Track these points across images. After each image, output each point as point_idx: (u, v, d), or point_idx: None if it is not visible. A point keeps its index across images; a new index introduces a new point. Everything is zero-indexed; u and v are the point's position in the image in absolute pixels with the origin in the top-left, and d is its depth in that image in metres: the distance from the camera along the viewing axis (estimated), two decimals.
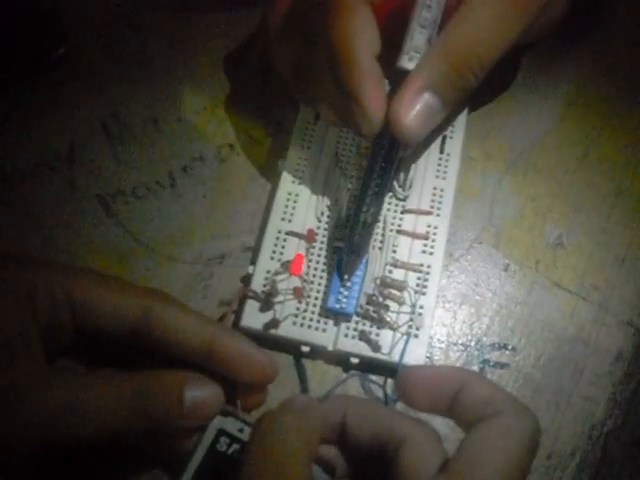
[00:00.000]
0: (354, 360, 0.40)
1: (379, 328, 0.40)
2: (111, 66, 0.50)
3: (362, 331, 0.40)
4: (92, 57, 0.50)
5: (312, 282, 0.41)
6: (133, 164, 0.47)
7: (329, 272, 0.42)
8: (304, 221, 0.43)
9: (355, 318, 0.41)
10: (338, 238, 0.43)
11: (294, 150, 0.46)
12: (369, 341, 0.40)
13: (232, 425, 0.35)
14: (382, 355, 0.40)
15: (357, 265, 0.41)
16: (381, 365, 0.40)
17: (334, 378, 0.41)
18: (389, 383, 0.41)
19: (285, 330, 0.40)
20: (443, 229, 0.43)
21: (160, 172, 0.46)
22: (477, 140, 0.48)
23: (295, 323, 0.41)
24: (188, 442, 0.36)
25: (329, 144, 0.46)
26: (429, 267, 0.42)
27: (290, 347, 0.41)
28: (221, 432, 0.35)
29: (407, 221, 0.44)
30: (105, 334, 0.35)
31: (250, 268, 0.42)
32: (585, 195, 0.47)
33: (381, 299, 0.41)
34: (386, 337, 0.40)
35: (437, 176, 0.45)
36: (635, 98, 0.50)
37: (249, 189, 0.46)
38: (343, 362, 0.41)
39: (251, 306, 0.41)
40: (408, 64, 0.38)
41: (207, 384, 0.35)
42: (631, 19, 0.52)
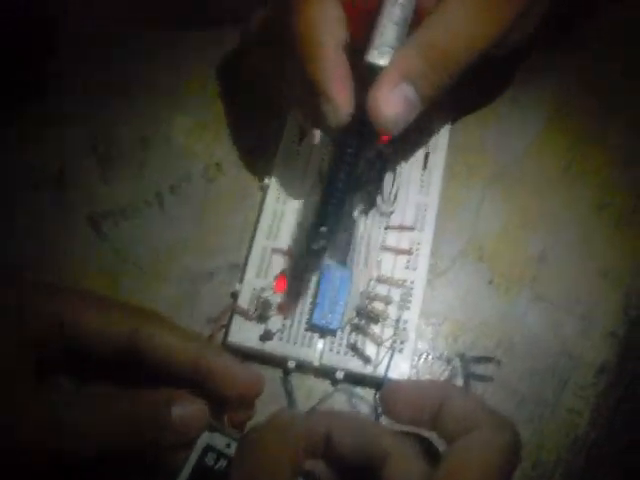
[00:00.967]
0: (340, 375, 0.41)
1: (364, 343, 0.41)
2: (99, 88, 0.50)
3: (354, 341, 0.41)
4: (81, 79, 0.51)
5: (297, 298, 0.42)
6: (122, 184, 0.47)
7: (314, 288, 0.42)
8: (289, 239, 0.44)
9: (340, 333, 0.41)
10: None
11: (279, 169, 0.46)
12: (358, 352, 0.41)
13: (219, 441, 0.36)
14: (367, 370, 0.41)
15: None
16: (367, 379, 0.41)
17: (321, 392, 0.42)
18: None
19: (271, 346, 0.41)
20: (426, 244, 0.44)
21: (148, 192, 0.47)
22: (460, 155, 0.48)
23: (281, 339, 0.41)
24: (176, 458, 0.36)
25: (314, 162, 0.47)
26: (413, 282, 0.43)
27: (277, 362, 0.42)
28: (208, 448, 0.36)
29: (391, 237, 0.44)
30: (93, 353, 0.36)
31: (237, 286, 0.43)
32: (568, 208, 0.47)
33: (365, 315, 0.41)
34: (371, 351, 0.41)
35: (420, 192, 0.46)
36: (616, 112, 0.50)
37: (236, 208, 0.47)
38: (330, 376, 0.42)
39: (238, 322, 0.42)
40: (378, 59, 0.38)
41: (193, 401, 0.35)
42: (612, 35, 0.53)
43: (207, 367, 0.35)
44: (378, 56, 0.38)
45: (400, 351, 0.41)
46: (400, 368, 0.41)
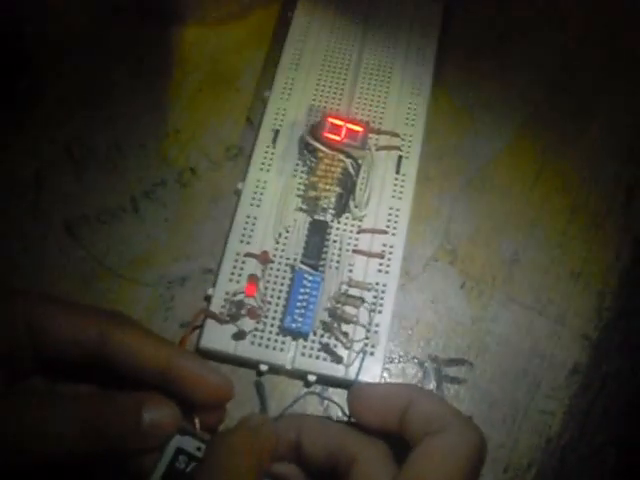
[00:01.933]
0: (312, 378, 0.41)
1: (336, 345, 0.41)
2: (74, 93, 0.51)
3: (325, 344, 0.41)
4: (56, 84, 0.51)
5: (270, 302, 0.42)
6: (97, 189, 0.47)
7: (287, 292, 0.43)
8: (262, 243, 0.44)
9: (312, 337, 0.42)
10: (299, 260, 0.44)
11: (253, 173, 0.47)
12: (330, 352, 0.41)
13: (190, 444, 0.36)
14: (339, 373, 0.41)
15: None
16: (339, 381, 0.41)
17: (295, 394, 0.42)
18: None
19: (243, 350, 0.41)
20: (399, 248, 0.44)
21: (123, 197, 0.47)
22: (433, 159, 0.49)
23: (253, 343, 0.41)
24: (147, 461, 0.36)
25: (287, 167, 0.47)
26: (385, 286, 0.43)
27: (250, 364, 0.42)
28: (179, 451, 0.36)
29: (363, 240, 0.44)
30: (63, 358, 0.36)
31: (210, 290, 0.43)
32: (541, 211, 0.48)
33: (337, 318, 0.41)
34: (343, 352, 0.41)
35: (393, 196, 0.46)
36: (589, 116, 0.51)
37: (210, 212, 0.47)
38: (303, 378, 0.42)
39: (210, 327, 0.42)
40: None
41: (164, 404, 0.36)
42: (585, 39, 0.53)
43: (176, 373, 0.36)
44: None
45: (372, 354, 0.41)
46: (372, 371, 0.41)
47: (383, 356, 0.41)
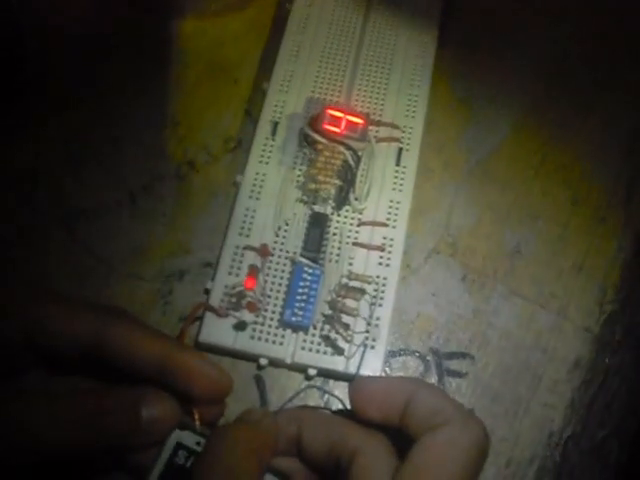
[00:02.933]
0: (312, 371, 0.41)
1: (336, 339, 0.41)
2: (72, 87, 0.50)
3: (326, 337, 0.41)
4: (53, 79, 0.50)
5: (269, 296, 0.42)
6: (94, 184, 0.47)
7: (286, 285, 0.42)
8: (262, 235, 0.44)
9: (312, 330, 0.41)
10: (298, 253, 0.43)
11: (252, 165, 0.46)
12: (331, 344, 0.41)
13: (190, 438, 0.36)
14: (339, 367, 0.41)
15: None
16: (340, 374, 0.41)
17: (295, 387, 0.42)
18: None
19: (243, 344, 0.41)
20: (399, 241, 0.44)
21: (121, 191, 0.47)
22: (434, 151, 0.48)
23: (253, 337, 0.41)
24: (147, 456, 0.36)
25: (286, 160, 0.46)
26: (385, 279, 0.43)
27: (250, 358, 0.42)
28: (179, 445, 0.36)
29: (363, 233, 0.44)
30: (61, 352, 0.36)
31: (209, 284, 0.43)
32: (542, 204, 0.47)
33: (337, 312, 0.41)
34: (344, 345, 0.41)
35: (394, 188, 0.46)
36: (590, 108, 0.50)
37: (208, 206, 0.47)
38: (304, 371, 0.42)
39: (210, 320, 0.41)
40: None
41: (164, 399, 0.35)
42: (587, 32, 0.53)
43: (175, 367, 0.35)
44: None
45: (372, 348, 0.41)
46: (373, 365, 0.41)
47: (384, 349, 0.41)
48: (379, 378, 0.40)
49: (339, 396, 0.40)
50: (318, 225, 0.44)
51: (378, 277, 0.43)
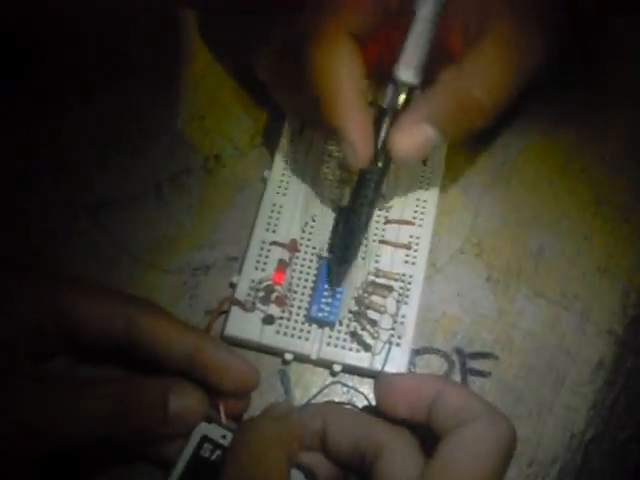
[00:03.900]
0: (337, 367, 0.41)
1: (362, 336, 0.41)
2: (100, 76, 0.50)
3: (353, 333, 0.41)
4: (79, 69, 0.51)
5: (296, 291, 0.42)
6: (120, 175, 0.47)
7: (313, 281, 0.42)
8: (288, 231, 0.44)
9: (338, 327, 0.41)
10: (325, 249, 0.43)
11: (279, 161, 0.46)
12: (358, 340, 0.41)
13: (215, 432, 0.36)
14: (364, 363, 0.41)
15: (346, 274, 0.42)
16: (365, 371, 0.41)
17: (321, 383, 0.42)
18: None
19: (269, 339, 0.41)
20: (425, 239, 0.44)
21: (147, 182, 0.47)
22: (461, 151, 0.48)
23: (279, 332, 0.41)
24: (173, 447, 0.36)
25: (314, 155, 0.47)
26: (411, 277, 0.43)
27: (275, 352, 0.42)
28: (205, 438, 0.36)
29: (390, 231, 0.44)
30: (91, 341, 0.36)
31: (235, 278, 0.43)
32: (567, 205, 0.47)
33: (363, 308, 0.41)
34: (370, 344, 0.41)
35: (420, 187, 0.46)
36: (617, 109, 0.50)
37: (235, 200, 0.47)
38: (329, 367, 0.42)
39: (235, 314, 0.42)
40: (413, 79, 0.38)
41: (191, 392, 0.36)
42: (615, 39, 0.53)
43: (202, 360, 0.36)
44: (414, 76, 0.38)
45: (398, 345, 0.41)
46: (397, 362, 0.41)
47: (409, 347, 0.41)
48: (406, 375, 0.40)
49: (364, 392, 0.40)
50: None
51: (404, 275, 0.43)
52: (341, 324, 0.41)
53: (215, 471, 0.34)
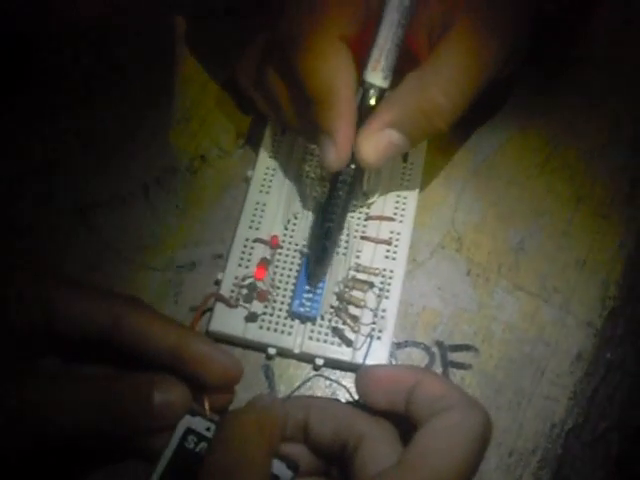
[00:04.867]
0: (319, 361, 0.42)
1: (344, 330, 0.42)
2: (86, 81, 0.51)
3: (334, 328, 0.42)
4: (68, 73, 0.52)
5: (278, 287, 0.43)
6: (108, 176, 0.48)
7: (295, 277, 0.43)
8: (271, 229, 0.45)
9: (319, 321, 0.42)
10: (306, 245, 0.44)
11: (262, 161, 0.47)
12: (340, 335, 0.42)
13: (200, 424, 0.37)
14: (346, 357, 0.41)
15: (324, 272, 0.43)
16: (347, 364, 0.42)
17: (303, 377, 0.43)
18: None
19: (252, 333, 0.42)
20: (406, 235, 0.45)
21: (134, 183, 0.48)
22: (440, 148, 0.49)
23: (262, 327, 0.42)
24: (158, 440, 0.37)
25: (296, 155, 0.47)
26: (392, 272, 0.44)
27: (259, 347, 0.43)
28: (189, 431, 0.36)
29: (371, 227, 0.45)
30: (77, 338, 0.37)
31: (220, 275, 0.44)
32: (546, 200, 0.48)
33: (344, 303, 0.42)
34: (351, 338, 0.42)
35: (401, 184, 0.47)
36: (595, 106, 0.51)
37: (220, 199, 0.48)
38: (311, 361, 0.43)
39: (220, 310, 0.42)
40: (382, 82, 0.39)
41: (175, 385, 0.36)
42: (593, 30, 0.54)
43: (186, 354, 0.36)
44: (382, 79, 0.39)
45: (379, 339, 0.42)
46: (379, 355, 0.42)
47: (390, 341, 0.42)
48: (385, 366, 0.41)
49: (346, 385, 0.41)
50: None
51: (385, 270, 0.44)
52: (323, 319, 0.42)
53: (200, 463, 0.35)
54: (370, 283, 0.43)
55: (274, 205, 0.46)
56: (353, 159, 0.40)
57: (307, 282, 0.43)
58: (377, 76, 0.39)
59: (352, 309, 0.42)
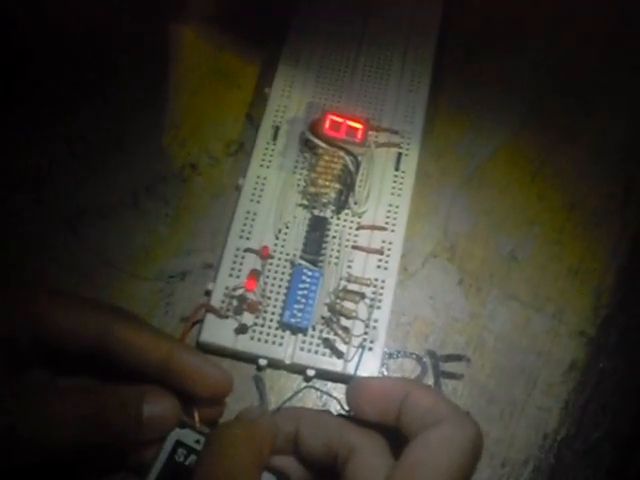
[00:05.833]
0: (311, 372, 0.41)
1: (335, 341, 0.42)
2: (75, 89, 0.51)
3: (325, 339, 0.42)
4: (57, 81, 0.51)
5: (269, 297, 0.43)
6: (97, 184, 0.48)
7: (286, 287, 0.43)
8: (262, 238, 0.45)
9: (311, 332, 0.42)
10: (297, 256, 0.44)
11: (253, 170, 0.47)
12: (331, 346, 0.42)
13: (189, 437, 0.36)
14: (337, 368, 0.41)
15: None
16: (338, 376, 0.42)
17: (294, 389, 0.42)
18: None
19: (243, 344, 0.42)
20: (398, 244, 0.45)
21: (124, 192, 0.47)
22: (432, 156, 0.49)
23: (253, 337, 0.42)
24: (147, 453, 0.37)
25: (287, 164, 0.47)
26: (384, 282, 0.43)
27: (250, 359, 0.42)
28: (179, 443, 0.36)
29: (362, 237, 0.45)
30: (64, 350, 0.36)
31: (210, 285, 0.43)
32: (539, 208, 0.48)
33: (336, 314, 0.42)
34: (342, 349, 0.42)
35: (392, 193, 0.46)
36: (588, 114, 0.51)
37: (210, 208, 0.47)
38: (302, 372, 0.42)
39: (210, 321, 0.42)
40: None
41: (165, 398, 0.36)
42: (584, 37, 0.54)
43: (176, 367, 0.36)
44: None
45: (370, 349, 0.42)
46: (370, 366, 0.41)
47: (382, 351, 0.42)
48: (376, 378, 0.41)
49: (337, 397, 0.41)
50: (318, 228, 0.44)
51: (376, 280, 0.43)
52: (314, 329, 0.42)
53: (190, 476, 0.35)
54: (362, 294, 0.43)
55: (265, 214, 0.45)
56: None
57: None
58: None
59: (343, 320, 0.42)
